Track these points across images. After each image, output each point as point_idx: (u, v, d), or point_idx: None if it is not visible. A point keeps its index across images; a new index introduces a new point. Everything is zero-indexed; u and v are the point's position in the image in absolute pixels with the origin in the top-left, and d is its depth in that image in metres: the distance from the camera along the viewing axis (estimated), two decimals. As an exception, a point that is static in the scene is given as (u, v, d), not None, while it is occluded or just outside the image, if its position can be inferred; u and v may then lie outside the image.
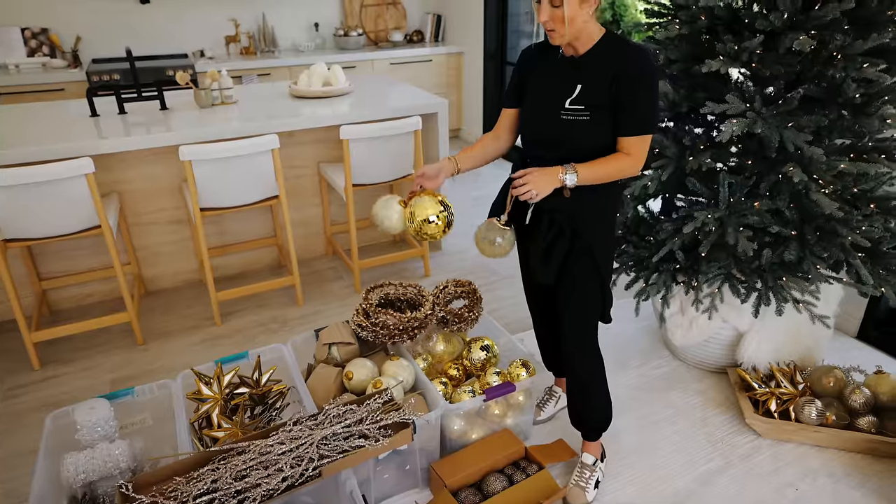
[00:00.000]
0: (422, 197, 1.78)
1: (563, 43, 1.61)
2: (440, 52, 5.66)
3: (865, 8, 1.91)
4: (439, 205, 1.77)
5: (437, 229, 1.78)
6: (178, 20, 4.98)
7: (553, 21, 1.54)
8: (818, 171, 1.97)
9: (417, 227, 1.78)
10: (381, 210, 1.82)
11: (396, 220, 1.82)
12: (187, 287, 3.36)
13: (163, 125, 2.89)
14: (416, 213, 1.77)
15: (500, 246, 1.80)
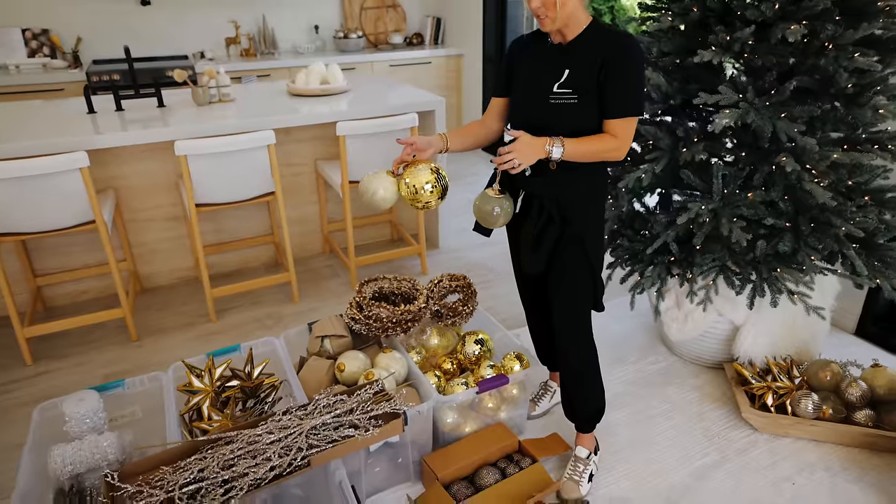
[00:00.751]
0: (416, 165, 1.77)
1: (553, 28, 1.62)
2: (439, 55, 5.68)
3: (855, -2, 1.92)
4: (433, 173, 1.76)
5: (432, 196, 1.75)
6: (178, 22, 5.00)
7: (545, 6, 1.56)
8: (811, 162, 1.96)
9: (412, 196, 1.75)
10: (371, 181, 1.78)
11: (388, 190, 1.77)
12: (184, 284, 3.36)
13: (159, 121, 2.90)
14: (411, 181, 1.74)
15: (499, 214, 1.77)
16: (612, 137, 1.64)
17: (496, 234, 2.05)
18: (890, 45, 1.97)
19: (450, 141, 1.84)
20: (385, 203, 1.79)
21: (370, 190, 1.78)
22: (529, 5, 1.58)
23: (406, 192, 1.77)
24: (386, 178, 1.78)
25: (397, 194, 1.79)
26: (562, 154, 1.62)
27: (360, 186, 1.82)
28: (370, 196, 1.78)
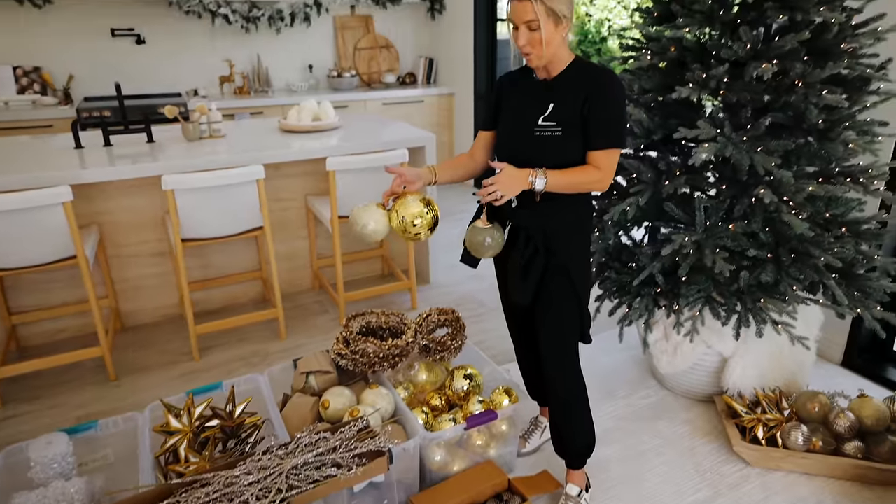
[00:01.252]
0: (406, 197, 1.77)
1: (540, 65, 1.67)
2: (432, 94, 5.78)
3: (821, 40, 2.00)
4: (424, 204, 1.76)
5: (422, 228, 1.76)
6: (173, 60, 5.08)
7: (531, 44, 1.61)
8: (788, 194, 2.00)
9: (403, 227, 1.75)
10: (361, 214, 1.78)
11: (378, 223, 1.77)
12: (167, 322, 3.33)
13: (148, 156, 2.92)
14: (402, 213, 1.75)
15: (490, 245, 1.77)
16: (595, 169, 1.68)
17: (485, 268, 2.05)
18: (856, 83, 2.05)
19: (438, 173, 1.87)
20: (375, 235, 1.79)
21: (360, 222, 1.78)
22: (517, 43, 1.63)
23: (396, 225, 1.77)
24: (376, 211, 1.79)
25: (388, 226, 1.80)
26: (544, 185, 1.65)
27: (349, 219, 1.82)
28: (360, 228, 1.78)
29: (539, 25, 1.57)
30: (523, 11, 1.57)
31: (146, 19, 4.89)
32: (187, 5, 4.80)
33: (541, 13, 1.56)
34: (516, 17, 1.60)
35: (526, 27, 1.59)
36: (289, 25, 5.27)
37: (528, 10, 1.56)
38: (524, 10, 1.57)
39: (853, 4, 2.12)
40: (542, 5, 1.56)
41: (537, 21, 1.57)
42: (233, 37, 5.23)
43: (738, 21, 2.04)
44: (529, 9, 1.56)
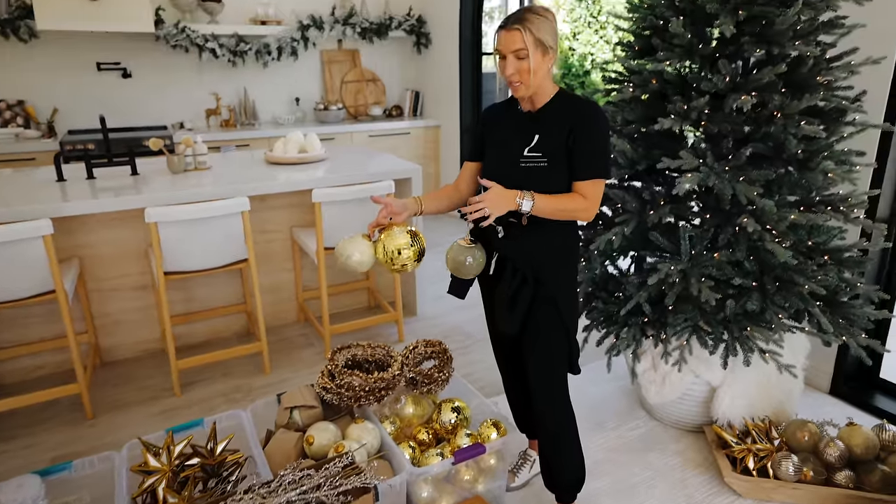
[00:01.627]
0: (392, 228, 1.77)
1: (526, 95, 1.69)
2: (418, 126, 5.83)
3: (797, 73, 2.06)
4: (410, 236, 1.76)
5: (409, 259, 1.75)
6: (159, 94, 5.10)
7: (519, 73, 1.64)
8: (771, 222, 2.02)
9: (389, 259, 1.74)
10: (346, 246, 1.77)
11: (364, 254, 1.76)
12: (148, 357, 3.26)
13: (131, 189, 2.90)
14: (388, 245, 1.74)
15: (472, 264, 1.77)
16: (582, 198, 1.69)
17: (473, 299, 2.04)
18: (832, 114, 2.10)
19: (424, 204, 1.87)
20: (361, 267, 1.78)
21: (345, 254, 1.77)
22: (504, 73, 1.66)
23: (382, 256, 1.76)
24: (361, 242, 1.78)
25: (373, 258, 1.78)
26: (531, 207, 1.65)
27: (335, 251, 1.81)
28: (345, 260, 1.77)
29: (527, 54, 1.61)
30: (512, 41, 1.61)
31: (133, 53, 4.92)
32: (174, 40, 4.83)
33: (529, 43, 1.60)
34: (504, 47, 1.63)
35: (514, 56, 1.62)
36: (276, 59, 5.33)
37: (516, 39, 1.60)
38: (513, 39, 1.60)
39: (827, 39, 2.18)
40: (531, 35, 1.60)
41: (526, 50, 1.60)
42: (219, 70, 5.27)
43: (717, 55, 2.09)
44: (518, 38, 1.60)
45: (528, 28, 1.60)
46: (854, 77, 2.12)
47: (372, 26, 5.60)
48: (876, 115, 2.42)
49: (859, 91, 2.16)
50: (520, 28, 1.60)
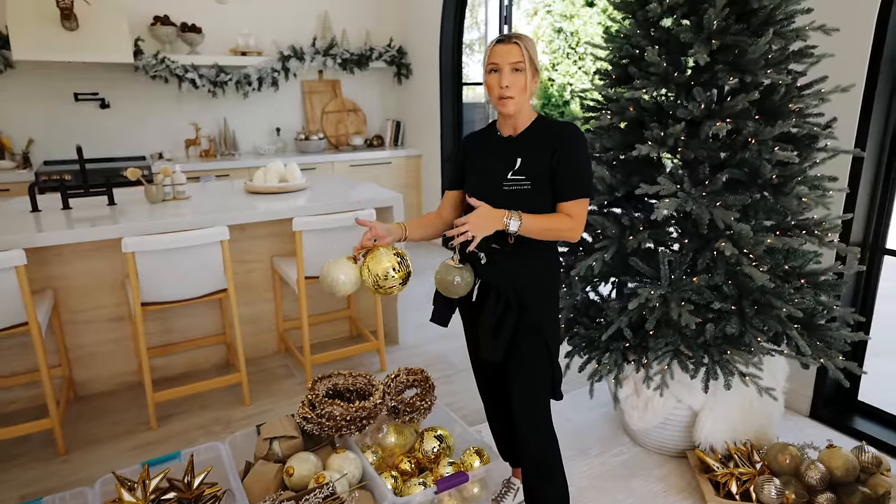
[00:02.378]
0: (377, 251, 1.76)
1: (514, 111, 1.72)
2: (399, 155, 5.87)
3: (770, 100, 2.12)
4: (396, 258, 1.75)
5: (395, 282, 1.74)
6: (137, 124, 5.08)
7: (514, 86, 1.67)
8: (748, 247, 2.06)
9: (375, 281, 1.73)
10: (332, 268, 1.75)
11: (349, 276, 1.75)
12: (124, 390, 3.18)
13: (108, 219, 2.86)
14: (373, 267, 1.73)
15: (460, 283, 1.75)
16: (568, 217, 1.71)
17: (456, 327, 2.03)
18: (805, 140, 2.16)
19: (408, 230, 1.88)
20: (346, 289, 1.76)
21: (330, 276, 1.75)
22: (499, 84, 1.68)
23: (368, 278, 1.75)
24: (346, 264, 1.77)
25: (358, 280, 1.77)
26: (519, 227, 1.66)
27: (320, 273, 1.79)
28: (330, 282, 1.75)
29: (524, 67, 1.65)
30: (511, 53, 1.66)
31: (111, 84, 4.91)
32: (154, 70, 4.84)
33: (526, 58, 1.65)
34: (502, 59, 1.66)
35: (511, 68, 1.66)
36: (256, 90, 5.35)
37: (515, 52, 1.65)
38: (511, 51, 1.65)
39: (797, 68, 2.25)
40: (527, 52, 1.66)
41: (523, 63, 1.65)
42: (199, 101, 5.27)
43: (692, 83, 2.14)
44: (517, 51, 1.65)
45: (526, 45, 1.66)
46: (825, 104, 2.19)
47: (353, 57, 5.67)
48: (846, 142, 2.49)
49: (830, 118, 2.22)
50: (519, 42, 1.66)
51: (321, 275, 1.79)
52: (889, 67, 2.42)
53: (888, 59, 2.40)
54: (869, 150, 2.48)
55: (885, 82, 2.43)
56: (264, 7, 5.41)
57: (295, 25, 5.57)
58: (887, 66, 2.41)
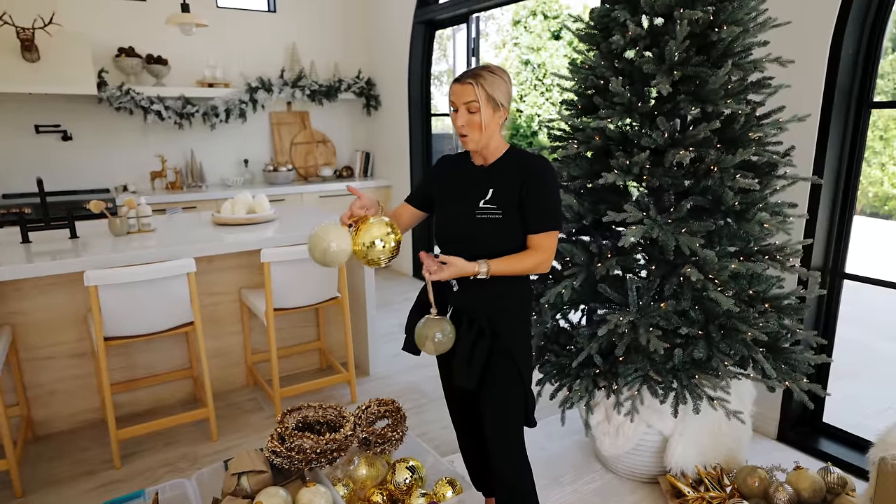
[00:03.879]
0: (368, 219, 1.73)
1: (475, 148, 1.75)
2: (369, 186, 5.88)
3: (730, 129, 2.19)
4: (388, 226, 1.73)
5: (385, 252, 1.72)
6: (101, 157, 5.00)
7: (469, 126, 1.70)
8: (713, 272, 2.10)
9: (365, 249, 1.70)
10: (325, 233, 1.70)
11: (341, 243, 1.70)
12: (86, 428, 3.06)
13: (70, 253, 2.79)
14: (364, 235, 1.70)
15: (441, 342, 1.75)
16: (535, 252, 1.74)
17: (427, 357, 2.02)
18: (765, 168, 2.23)
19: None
20: (339, 256, 1.71)
21: (324, 241, 1.69)
22: (454, 123, 1.72)
23: (359, 246, 1.71)
24: (339, 230, 1.72)
25: (350, 247, 1.72)
26: (487, 272, 1.70)
27: (309, 240, 1.73)
28: (324, 248, 1.69)
29: (478, 108, 1.67)
30: (464, 93, 1.68)
31: (74, 115, 4.83)
32: (118, 102, 4.79)
33: (481, 97, 1.67)
34: (457, 98, 1.69)
35: (466, 108, 1.69)
36: (224, 121, 5.33)
37: (469, 92, 1.67)
38: (465, 92, 1.67)
39: (756, 98, 2.33)
40: (483, 90, 1.67)
41: (477, 103, 1.67)
42: (165, 132, 5.22)
43: (656, 112, 2.20)
44: (470, 91, 1.67)
45: (482, 84, 1.67)
46: (783, 133, 2.27)
47: (321, 89, 5.70)
48: (805, 169, 2.58)
49: (788, 146, 2.30)
50: (472, 82, 1.67)
51: (310, 242, 1.72)
52: (842, 98, 2.53)
53: (841, 90, 2.51)
54: (826, 177, 2.57)
55: (839, 112, 2.54)
56: (232, 39, 5.43)
57: (263, 57, 5.59)
58: (840, 96, 2.52)
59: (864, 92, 2.54)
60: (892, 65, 7.74)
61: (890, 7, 2.45)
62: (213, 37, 5.30)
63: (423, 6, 5.16)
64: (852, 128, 2.56)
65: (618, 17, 2.22)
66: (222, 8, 5.36)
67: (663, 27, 2.22)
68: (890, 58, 7.63)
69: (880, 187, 8.07)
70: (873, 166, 8.00)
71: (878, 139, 7.92)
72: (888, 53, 7.28)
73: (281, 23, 5.66)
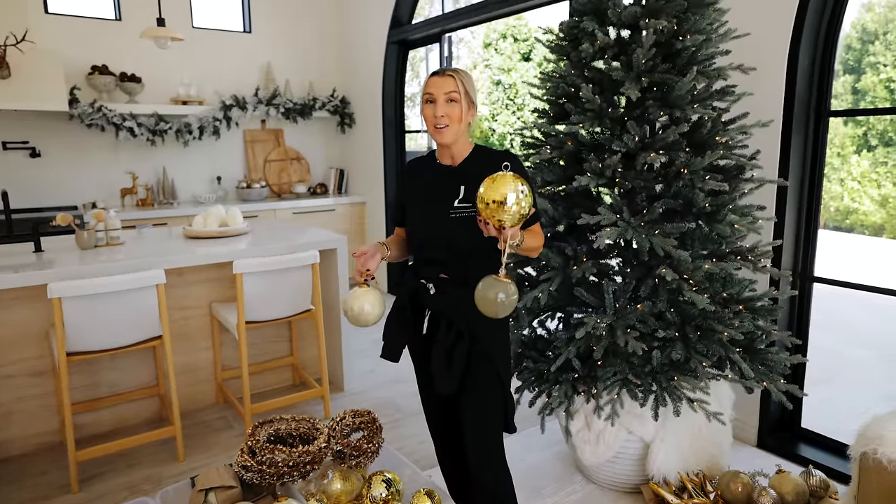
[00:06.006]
0: (495, 179, 1.50)
1: (451, 141, 1.75)
2: (343, 202, 5.85)
3: (698, 133, 2.22)
4: (517, 181, 1.50)
5: (520, 209, 1.49)
6: (71, 173, 4.90)
7: (449, 116, 1.71)
8: (687, 272, 2.11)
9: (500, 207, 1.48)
10: (356, 300, 1.74)
11: (373, 304, 1.74)
12: (45, 450, 2.92)
13: (33, 266, 2.70)
14: (494, 192, 1.48)
15: (504, 303, 1.51)
16: (539, 235, 1.76)
17: (403, 371, 1.98)
18: (733, 171, 2.27)
19: (389, 248, 1.87)
20: (375, 316, 1.76)
21: (357, 304, 1.74)
22: (434, 114, 1.71)
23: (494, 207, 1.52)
24: (367, 293, 1.75)
25: (383, 303, 1.77)
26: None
27: (343, 307, 1.78)
28: (362, 315, 1.74)
29: (459, 98, 1.70)
30: (446, 84, 1.71)
31: (43, 132, 4.74)
32: (90, 119, 4.71)
33: (460, 90, 1.71)
34: (437, 89, 1.71)
35: (446, 98, 1.71)
36: (197, 138, 5.27)
37: (450, 83, 1.70)
38: (446, 83, 1.70)
39: (721, 105, 2.37)
40: (462, 85, 1.71)
41: (458, 93, 1.70)
42: (137, 149, 5.15)
43: (626, 118, 2.23)
44: (451, 83, 1.70)
45: (461, 78, 1.72)
46: (749, 138, 2.31)
47: (296, 107, 5.69)
48: (771, 172, 2.63)
49: (754, 150, 2.34)
50: (453, 75, 1.72)
51: (345, 309, 1.77)
52: (802, 106, 2.60)
53: (800, 99, 2.59)
54: (791, 182, 2.62)
55: (799, 119, 2.60)
56: (207, 58, 5.40)
57: (238, 76, 5.57)
58: (800, 105, 2.59)
59: (821, 101, 2.61)
60: (844, 86, 8.05)
61: (841, 19, 2.54)
62: (188, 55, 5.27)
63: (396, 26, 5.20)
64: (813, 134, 2.63)
65: (586, 28, 2.25)
66: (198, 28, 5.34)
67: (630, 37, 2.26)
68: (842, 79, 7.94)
69: (841, 202, 8.30)
70: (833, 182, 8.24)
71: (835, 156, 8.17)
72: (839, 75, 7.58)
73: (256, 43, 5.66)
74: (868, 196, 8.03)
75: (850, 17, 8.09)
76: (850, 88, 7.95)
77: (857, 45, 7.83)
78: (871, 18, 7.70)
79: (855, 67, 7.84)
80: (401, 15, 5.18)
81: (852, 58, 7.84)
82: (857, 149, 8.17)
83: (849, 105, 8.10)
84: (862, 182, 8.04)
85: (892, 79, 7.57)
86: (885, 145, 8.00)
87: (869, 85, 7.73)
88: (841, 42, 2.57)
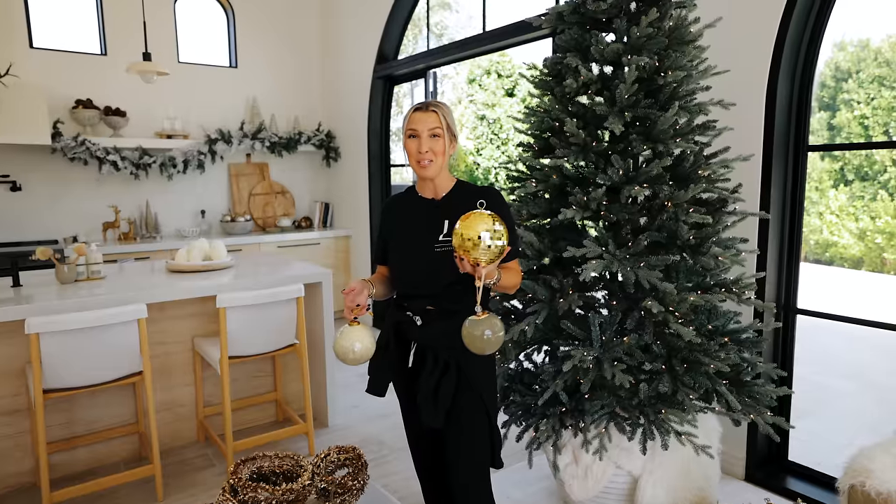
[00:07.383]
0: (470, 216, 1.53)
1: (434, 174, 1.77)
2: (328, 236, 5.83)
3: (681, 167, 2.27)
4: (492, 220, 1.52)
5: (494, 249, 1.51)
6: (52, 207, 4.85)
7: (433, 150, 1.74)
8: (673, 304, 2.12)
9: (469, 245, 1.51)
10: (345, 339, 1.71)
11: (364, 342, 1.71)
12: (18, 493, 2.81)
13: (10, 301, 2.65)
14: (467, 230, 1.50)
15: (490, 339, 1.53)
16: (517, 272, 1.78)
17: (388, 406, 1.95)
18: (716, 204, 2.30)
19: (374, 286, 1.86)
20: (367, 354, 1.73)
21: (348, 343, 1.71)
22: (418, 150, 1.73)
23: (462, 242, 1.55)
24: (357, 331, 1.72)
25: (373, 342, 1.75)
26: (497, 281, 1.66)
27: (335, 348, 1.75)
28: (352, 353, 1.71)
29: (442, 133, 1.73)
30: (428, 120, 1.73)
31: (24, 165, 4.71)
32: (73, 152, 4.69)
33: (443, 124, 1.74)
34: (420, 125, 1.73)
35: (429, 134, 1.73)
36: (181, 172, 5.26)
37: (433, 118, 1.73)
38: (429, 118, 1.73)
39: (703, 139, 2.43)
40: (444, 119, 1.74)
41: (441, 128, 1.73)
42: (120, 183, 5.12)
43: (610, 151, 2.26)
44: (435, 118, 1.73)
45: (443, 112, 1.75)
46: (730, 172, 2.35)
47: (281, 140, 5.71)
48: (752, 205, 2.67)
49: (736, 184, 2.38)
50: (436, 110, 1.74)
51: (337, 350, 1.74)
52: (781, 140, 2.67)
53: (779, 133, 2.65)
54: (773, 212, 2.67)
55: (779, 154, 2.67)
56: (192, 93, 5.43)
57: (223, 110, 5.60)
58: (779, 139, 2.66)
59: (799, 136, 2.68)
60: (820, 122, 8.29)
61: (817, 56, 2.63)
62: (173, 90, 5.29)
63: (382, 62, 5.28)
64: (792, 168, 2.69)
65: (570, 64, 2.30)
66: (184, 63, 5.38)
67: (613, 73, 2.31)
68: (818, 116, 8.19)
69: (820, 235, 8.45)
70: (812, 215, 8.41)
71: (814, 189, 8.36)
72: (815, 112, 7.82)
73: (242, 78, 5.71)
74: (846, 229, 8.20)
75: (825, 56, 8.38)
76: (826, 125, 8.18)
77: (832, 82, 8.08)
78: (844, 57, 7.98)
79: (830, 104, 8.08)
80: (386, 51, 5.27)
81: (827, 95, 8.09)
82: (834, 183, 8.37)
83: (825, 140, 8.33)
84: (840, 215, 8.22)
85: (865, 115, 7.81)
86: (862, 180, 8.21)
87: (844, 121, 7.97)
88: (816, 79, 2.65)
